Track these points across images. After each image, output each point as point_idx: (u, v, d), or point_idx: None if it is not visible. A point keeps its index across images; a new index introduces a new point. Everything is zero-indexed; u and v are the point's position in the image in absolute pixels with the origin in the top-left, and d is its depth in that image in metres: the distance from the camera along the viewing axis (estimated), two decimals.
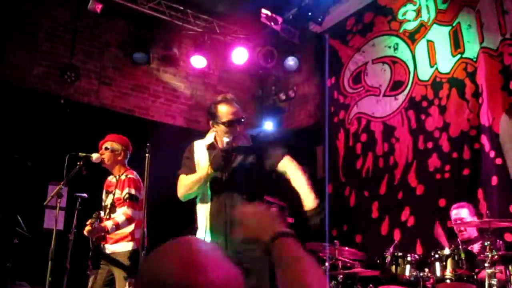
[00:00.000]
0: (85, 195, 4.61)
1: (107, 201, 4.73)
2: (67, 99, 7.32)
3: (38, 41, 7.35)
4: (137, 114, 8.06)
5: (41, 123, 6.81)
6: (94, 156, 4.56)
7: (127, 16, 8.02)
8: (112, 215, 4.60)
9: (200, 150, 3.62)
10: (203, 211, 3.53)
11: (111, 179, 4.87)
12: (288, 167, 3.56)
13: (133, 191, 4.59)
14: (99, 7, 7.15)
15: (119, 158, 4.81)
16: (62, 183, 4.29)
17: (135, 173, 4.78)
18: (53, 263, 4.11)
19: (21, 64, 7.15)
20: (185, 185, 3.52)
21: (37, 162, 6.60)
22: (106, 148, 4.74)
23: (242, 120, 3.53)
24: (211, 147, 3.57)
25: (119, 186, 4.66)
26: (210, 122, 3.62)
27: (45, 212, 6.22)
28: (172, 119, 8.45)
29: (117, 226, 4.43)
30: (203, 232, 3.50)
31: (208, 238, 3.45)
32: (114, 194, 4.64)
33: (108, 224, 4.43)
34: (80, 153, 4.44)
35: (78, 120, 7.05)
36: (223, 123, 3.49)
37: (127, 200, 4.54)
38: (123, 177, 4.70)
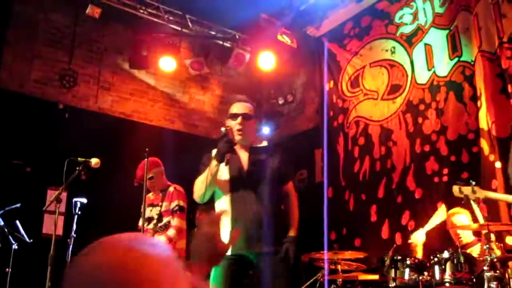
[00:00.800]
0: (84, 200, 4.63)
1: (153, 213, 4.92)
2: (66, 104, 7.32)
3: (37, 46, 7.36)
4: (136, 118, 8.07)
5: (40, 128, 6.81)
6: (93, 161, 4.56)
7: (126, 21, 8.03)
8: (160, 224, 4.84)
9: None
10: (224, 211, 3.49)
11: (157, 193, 5.09)
12: (291, 191, 3.71)
13: (182, 203, 4.88)
14: (97, 12, 7.17)
15: (162, 178, 5.11)
16: (61, 188, 4.29)
17: (180, 186, 5.07)
18: (52, 269, 4.10)
19: (19, 69, 7.15)
20: (197, 184, 3.57)
21: (36, 167, 6.60)
22: (151, 178, 4.94)
23: (246, 115, 3.62)
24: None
25: (167, 198, 4.93)
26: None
27: (44, 217, 6.22)
28: (171, 124, 8.46)
29: (171, 240, 4.68)
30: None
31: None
32: (161, 207, 4.86)
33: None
34: (79, 158, 4.45)
35: (76, 125, 7.05)
36: (228, 117, 3.68)
37: (177, 212, 4.83)
38: (171, 189, 4.99)
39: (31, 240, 5.59)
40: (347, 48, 7.67)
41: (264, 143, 3.80)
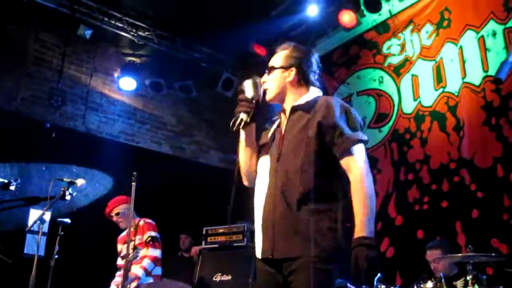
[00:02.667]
0: (68, 220, 4.60)
1: (129, 249, 4.92)
2: (53, 123, 7.30)
3: (26, 65, 7.37)
4: (122, 140, 8.06)
5: (26, 147, 6.77)
6: (79, 182, 4.56)
7: (116, 43, 8.09)
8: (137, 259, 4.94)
9: None
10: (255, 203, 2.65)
11: (127, 231, 5.07)
12: (350, 167, 2.48)
13: (153, 233, 5.07)
14: (88, 33, 7.22)
15: (130, 214, 5.04)
16: (45, 208, 4.27)
17: (149, 219, 5.27)
18: None
19: (7, 87, 7.14)
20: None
21: (20, 186, 6.55)
22: (118, 214, 5.07)
23: (272, 67, 2.76)
24: None
25: (139, 232, 5.08)
26: None
27: (26, 237, 6.15)
28: (157, 146, 8.46)
29: (146, 270, 4.89)
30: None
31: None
32: (135, 241, 4.98)
33: (138, 272, 4.82)
34: (64, 179, 4.44)
35: (63, 145, 7.03)
36: None
37: (150, 242, 4.99)
38: (141, 222, 5.14)
39: (11, 261, 5.51)
40: (335, 75, 7.78)
41: (310, 96, 2.66)
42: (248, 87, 2.66)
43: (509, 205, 5.09)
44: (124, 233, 5.22)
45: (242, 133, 2.73)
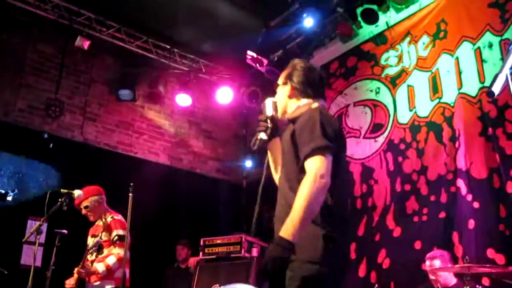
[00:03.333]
0: (65, 231, 4.60)
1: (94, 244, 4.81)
2: (51, 134, 7.30)
3: (24, 75, 7.39)
4: (120, 150, 8.07)
5: (23, 157, 6.77)
6: (76, 193, 4.55)
7: (114, 53, 8.13)
8: (100, 256, 4.76)
9: None
10: None
11: (98, 223, 5.03)
12: (307, 171, 2.47)
13: (121, 232, 4.77)
14: (86, 44, 7.25)
15: (100, 207, 5.01)
16: (42, 219, 4.26)
17: (120, 215, 4.97)
18: None
19: (5, 98, 7.15)
20: None
21: (17, 197, 6.55)
22: (86, 207, 4.89)
23: (280, 84, 2.96)
24: None
25: (106, 229, 4.84)
26: None
27: (23, 248, 6.14)
28: (155, 157, 8.47)
29: (109, 269, 4.59)
30: None
31: None
32: (101, 237, 4.75)
33: (99, 267, 4.59)
34: (62, 190, 4.43)
35: (61, 156, 7.03)
36: None
37: (117, 242, 4.73)
38: (109, 219, 4.91)
39: (7, 272, 5.50)
40: (333, 87, 7.80)
41: (300, 108, 2.79)
42: (265, 107, 2.86)
43: (506, 215, 5.10)
44: (96, 224, 5.08)
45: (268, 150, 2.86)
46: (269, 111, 2.82)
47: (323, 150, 2.45)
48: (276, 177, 2.89)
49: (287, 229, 2.33)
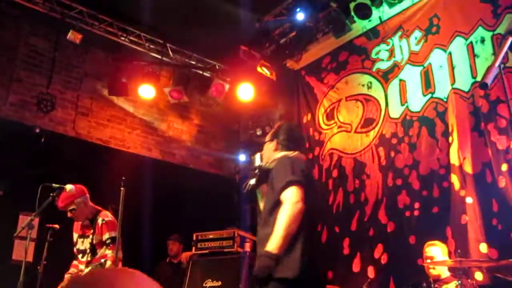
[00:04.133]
0: (56, 226, 4.57)
1: (85, 245, 4.84)
2: (43, 128, 7.25)
3: (15, 69, 7.33)
4: (113, 145, 8.03)
5: (15, 152, 6.72)
6: (68, 187, 4.52)
7: (106, 48, 8.07)
8: (94, 258, 4.80)
9: None
10: None
11: (83, 222, 4.95)
12: (283, 200, 3.14)
13: (113, 234, 4.79)
14: (78, 38, 7.19)
15: (86, 207, 4.95)
16: (34, 214, 4.24)
17: (108, 214, 4.96)
18: None
19: None
20: None
21: (9, 192, 6.50)
22: (72, 210, 4.86)
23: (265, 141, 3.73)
24: None
25: (98, 231, 4.83)
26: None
27: (15, 243, 6.11)
28: (148, 151, 8.44)
29: None
30: None
31: None
32: (93, 239, 4.76)
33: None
34: (53, 184, 4.40)
35: (53, 150, 6.99)
36: None
37: (111, 244, 4.74)
38: (99, 221, 4.87)
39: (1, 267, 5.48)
40: (324, 81, 7.81)
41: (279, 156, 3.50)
42: (254, 159, 3.70)
43: (498, 210, 5.12)
44: (81, 222, 5.05)
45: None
46: (257, 163, 3.63)
47: (295, 183, 3.12)
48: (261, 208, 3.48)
49: (271, 244, 2.93)
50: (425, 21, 6.52)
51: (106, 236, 4.79)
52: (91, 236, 4.80)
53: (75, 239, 4.94)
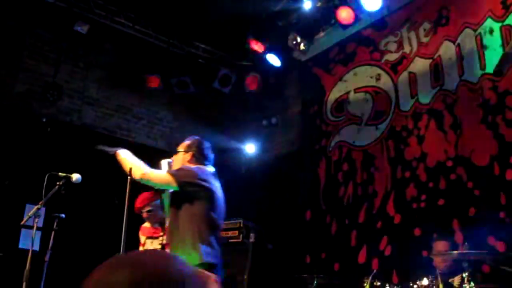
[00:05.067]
0: (63, 215, 4.57)
1: (154, 245, 5.00)
2: (49, 118, 7.26)
3: (22, 59, 7.33)
4: (118, 135, 8.04)
5: (21, 141, 6.74)
6: (74, 176, 4.52)
7: (113, 38, 8.05)
8: None
9: None
10: None
11: (153, 224, 5.13)
12: None
13: None
14: (85, 28, 7.18)
15: (160, 210, 5.05)
16: (40, 202, 4.23)
17: None
18: (27, 284, 4.03)
19: (3, 81, 7.10)
20: None
21: (15, 181, 6.52)
22: (150, 211, 5.04)
23: (176, 151, 4.17)
24: None
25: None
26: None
27: (21, 232, 6.13)
28: (153, 142, 8.43)
29: None
30: None
31: None
32: (163, 240, 4.85)
33: None
34: (60, 173, 4.40)
35: (59, 140, 7.00)
36: None
37: None
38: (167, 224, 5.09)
39: (1, 254, 5.49)
40: (332, 72, 7.76)
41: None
42: (161, 166, 4.09)
43: (506, 203, 5.09)
44: (147, 225, 5.15)
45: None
46: (164, 169, 4.03)
47: (174, 175, 3.71)
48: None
49: None
50: (433, 13, 6.46)
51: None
52: (160, 238, 4.87)
53: (142, 241, 5.08)
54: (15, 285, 4.32)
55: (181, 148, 4.15)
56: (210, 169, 4.04)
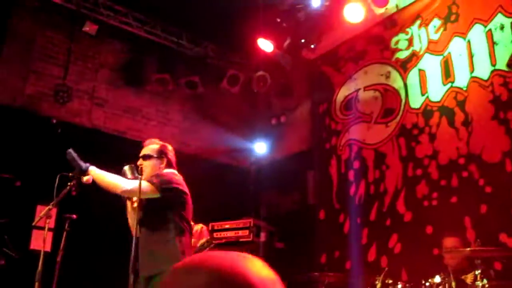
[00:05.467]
0: (74, 216, 4.58)
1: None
2: (59, 119, 7.29)
3: (32, 61, 7.36)
4: (128, 136, 8.05)
5: (32, 143, 6.77)
6: (85, 177, 4.53)
7: (122, 38, 8.07)
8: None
9: None
10: None
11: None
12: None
13: (204, 240, 5.36)
14: (94, 29, 7.20)
15: None
16: (52, 203, 4.25)
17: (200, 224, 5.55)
18: (39, 285, 4.05)
19: (13, 84, 7.14)
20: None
21: (26, 181, 6.55)
22: None
23: (145, 156, 4.19)
24: None
25: (197, 236, 5.35)
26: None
27: (32, 233, 6.15)
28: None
29: None
30: None
31: None
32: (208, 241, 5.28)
33: None
34: (71, 174, 4.41)
35: (69, 141, 6.99)
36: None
37: (207, 248, 5.22)
38: (198, 227, 5.45)
39: (17, 256, 5.52)
40: (342, 71, 7.74)
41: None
42: (126, 171, 4.12)
43: None
44: None
45: None
46: (129, 175, 4.05)
47: (154, 183, 3.79)
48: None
49: None
50: (443, 9, 6.42)
51: (203, 240, 5.32)
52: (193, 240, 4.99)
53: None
54: (27, 286, 4.34)
55: (151, 152, 4.21)
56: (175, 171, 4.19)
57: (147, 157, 4.14)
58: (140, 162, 4.12)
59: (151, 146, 4.25)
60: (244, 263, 0.95)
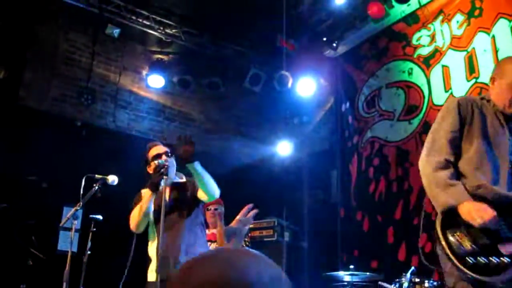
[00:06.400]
0: (100, 217, 4.63)
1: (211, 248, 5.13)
2: (84, 121, 7.39)
3: (56, 64, 7.47)
4: (152, 137, 8.11)
5: (58, 145, 6.86)
6: (110, 178, 4.58)
7: (144, 41, 8.14)
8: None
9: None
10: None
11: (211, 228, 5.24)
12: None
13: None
14: (116, 32, 7.28)
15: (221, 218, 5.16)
16: (78, 204, 4.30)
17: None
18: (67, 286, 4.10)
19: (38, 87, 7.25)
20: (133, 216, 4.20)
21: (52, 183, 6.65)
22: (216, 209, 5.22)
23: (167, 153, 4.17)
24: None
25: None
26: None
27: (59, 234, 6.24)
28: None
29: None
30: None
31: None
32: (219, 244, 5.01)
33: None
34: (96, 175, 4.46)
35: (94, 143, 7.10)
36: (152, 158, 4.22)
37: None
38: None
39: (45, 257, 5.60)
40: (364, 69, 7.69)
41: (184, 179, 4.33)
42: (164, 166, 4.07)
43: None
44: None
45: (152, 195, 4.09)
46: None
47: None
48: None
49: None
50: (467, 4, 6.32)
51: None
52: (219, 242, 4.99)
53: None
54: (54, 287, 4.40)
55: (168, 149, 4.33)
56: None
57: (168, 154, 4.27)
58: (164, 157, 4.19)
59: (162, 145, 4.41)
60: (257, 261, 0.96)
